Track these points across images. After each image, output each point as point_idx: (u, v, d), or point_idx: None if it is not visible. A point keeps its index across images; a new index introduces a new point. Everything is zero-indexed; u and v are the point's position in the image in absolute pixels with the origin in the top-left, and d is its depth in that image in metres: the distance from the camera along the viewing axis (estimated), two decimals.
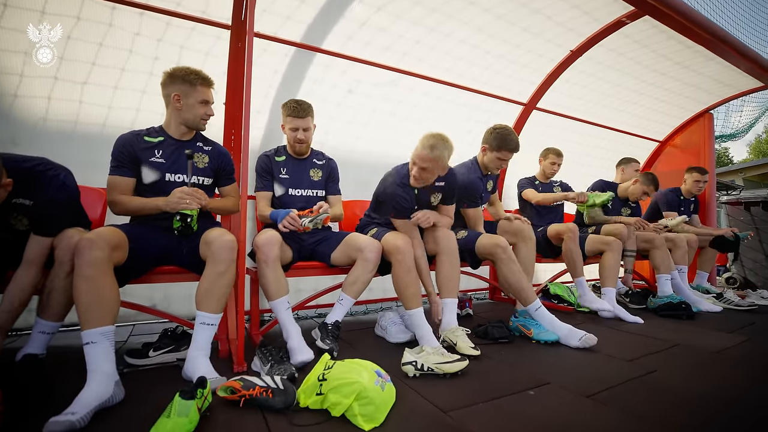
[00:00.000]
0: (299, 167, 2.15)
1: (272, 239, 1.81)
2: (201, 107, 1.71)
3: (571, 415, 1.26)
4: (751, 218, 4.15)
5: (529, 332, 2.11)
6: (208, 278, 1.52)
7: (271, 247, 1.79)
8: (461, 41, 2.70)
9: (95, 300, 1.30)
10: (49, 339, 1.48)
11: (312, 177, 2.17)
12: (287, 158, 2.15)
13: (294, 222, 1.85)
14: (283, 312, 1.80)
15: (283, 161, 2.14)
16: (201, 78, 1.68)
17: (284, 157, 2.15)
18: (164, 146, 1.72)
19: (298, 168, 2.15)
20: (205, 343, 1.51)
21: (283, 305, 1.80)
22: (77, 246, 1.32)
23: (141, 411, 1.23)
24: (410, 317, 1.92)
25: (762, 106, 6.13)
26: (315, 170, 2.19)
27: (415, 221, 2.05)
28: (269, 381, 1.31)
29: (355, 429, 1.15)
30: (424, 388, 1.46)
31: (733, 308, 3.04)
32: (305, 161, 2.18)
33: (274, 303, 1.80)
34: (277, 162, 2.13)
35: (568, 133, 3.84)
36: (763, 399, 1.42)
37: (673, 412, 1.29)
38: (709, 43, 2.90)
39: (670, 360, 1.84)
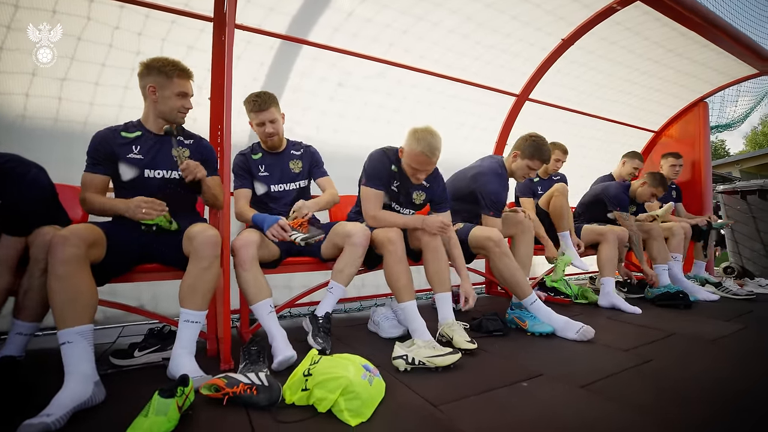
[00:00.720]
0: (277, 162, 2.07)
1: (248, 241, 1.71)
2: (177, 99, 1.64)
3: (563, 406, 1.23)
4: (748, 207, 4.12)
5: (523, 324, 2.08)
6: (192, 274, 1.47)
7: (247, 249, 1.69)
8: (450, 31, 2.65)
9: (70, 299, 1.26)
10: (27, 341, 1.43)
11: (292, 169, 2.09)
12: (264, 155, 2.07)
13: (282, 233, 1.71)
14: (266, 316, 1.68)
15: (260, 158, 2.06)
16: (178, 69, 1.62)
17: (260, 154, 2.06)
18: (142, 141, 1.66)
19: (276, 163, 2.07)
20: (189, 341, 1.46)
21: (265, 309, 1.68)
22: (50, 243, 1.28)
23: (121, 411, 1.18)
24: (403, 310, 1.88)
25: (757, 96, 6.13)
26: (294, 162, 2.10)
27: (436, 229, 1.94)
28: (254, 378, 1.27)
29: (342, 425, 1.11)
30: (415, 382, 1.42)
31: (731, 297, 3.01)
32: (282, 154, 2.09)
33: (255, 307, 1.69)
34: (254, 160, 2.05)
35: (560, 124, 3.80)
36: (759, 387, 1.39)
37: (668, 402, 1.26)
38: (702, 28, 2.87)
39: (666, 349, 1.81)
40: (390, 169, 2.05)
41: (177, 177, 1.71)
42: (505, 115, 3.42)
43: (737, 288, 3.08)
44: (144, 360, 1.64)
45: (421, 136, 1.89)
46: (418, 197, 2.18)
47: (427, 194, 2.19)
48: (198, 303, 1.47)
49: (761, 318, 2.41)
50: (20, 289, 1.39)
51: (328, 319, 1.79)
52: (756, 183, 4.08)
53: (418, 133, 1.90)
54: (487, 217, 2.36)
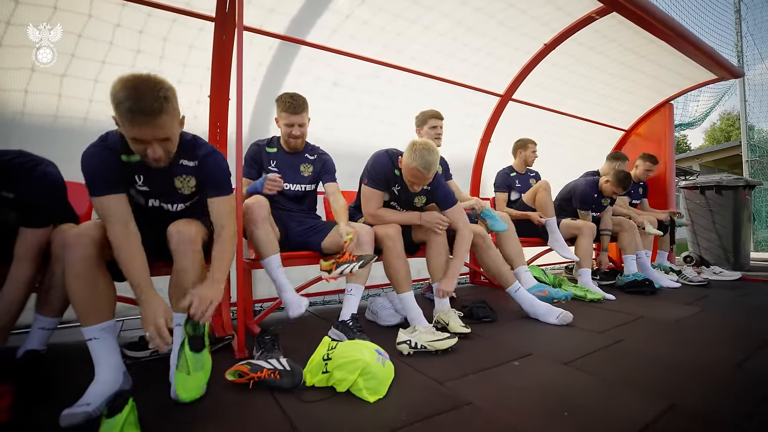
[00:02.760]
0: (291, 162, 2.14)
1: (261, 201, 1.80)
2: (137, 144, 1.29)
3: (551, 380, 1.41)
4: (706, 201, 4.49)
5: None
6: (174, 276, 1.43)
7: (260, 209, 1.77)
8: (441, 34, 2.77)
9: (90, 297, 1.29)
10: (49, 335, 1.49)
11: (302, 172, 2.16)
12: (279, 151, 2.14)
13: (275, 184, 1.93)
14: (275, 269, 1.80)
15: (274, 153, 2.13)
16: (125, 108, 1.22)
17: (276, 150, 2.14)
18: (143, 169, 1.45)
19: (289, 162, 2.14)
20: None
21: (276, 262, 1.80)
22: (66, 243, 1.29)
23: (150, 398, 1.28)
24: (401, 300, 2.03)
25: (716, 96, 6.59)
26: (305, 165, 2.17)
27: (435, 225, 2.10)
28: (276, 363, 1.39)
29: (361, 402, 1.25)
30: (418, 364, 1.57)
31: (688, 283, 3.34)
32: (297, 156, 2.17)
33: (268, 260, 1.79)
34: (267, 153, 2.12)
35: (540, 123, 4.02)
36: (714, 356, 1.62)
37: (637, 374, 1.46)
38: (669, 37, 3.12)
39: (635, 330, 2.04)
40: (393, 173, 2.12)
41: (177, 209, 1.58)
42: (489, 114, 3.59)
43: (694, 275, 3.41)
44: None
45: (418, 152, 1.90)
46: (419, 201, 2.28)
47: (428, 198, 2.28)
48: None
49: (715, 302, 2.71)
50: (42, 286, 1.44)
51: (356, 320, 1.85)
52: (713, 180, 4.45)
53: (416, 148, 1.92)
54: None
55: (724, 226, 4.36)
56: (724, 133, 29.93)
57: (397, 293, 2.03)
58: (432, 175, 1.97)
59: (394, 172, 2.13)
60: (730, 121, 29.75)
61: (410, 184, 2.08)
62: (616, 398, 1.26)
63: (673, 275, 3.49)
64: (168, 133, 1.30)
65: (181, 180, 1.51)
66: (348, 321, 1.83)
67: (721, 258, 4.38)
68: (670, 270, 3.63)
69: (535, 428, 1.08)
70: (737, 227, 4.31)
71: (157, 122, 1.24)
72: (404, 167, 2.03)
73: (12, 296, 1.35)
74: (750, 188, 4.41)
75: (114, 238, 1.32)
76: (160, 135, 1.28)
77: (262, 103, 2.56)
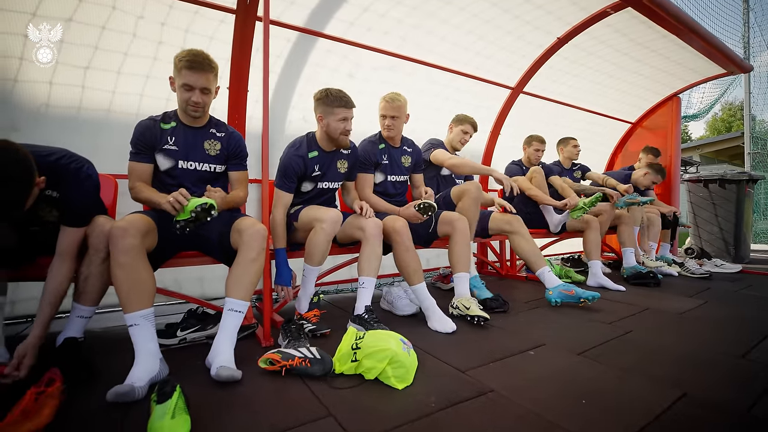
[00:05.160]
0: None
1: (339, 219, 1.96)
2: (184, 92, 1.66)
3: (567, 370, 1.48)
4: (709, 194, 4.55)
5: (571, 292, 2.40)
6: (241, 265, 1.56)
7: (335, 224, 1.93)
8: (456, 27, 2.78)
9: (133, 286, 1.38)
10: (86, 323, 1.55)
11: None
12: (178, 125, 1.74)
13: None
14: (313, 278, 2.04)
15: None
16: (185, 61, 1.62)
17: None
18: (177, 132, 1.73)
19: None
20: (232, 330, 1.51)
21: (316, 272, 2.04)
22: (110, 235, 1.38)
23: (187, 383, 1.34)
24: (414, 292, 2.10)
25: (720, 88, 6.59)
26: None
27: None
28: (306, 352, 1.45)
29: (389, 389, 1.32)
30: (439, 353, 1.65)
31: (689, 275, 3.42)
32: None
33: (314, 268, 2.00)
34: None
35: (551, 116, 4.05)
36: (720, 347, 1.70)
37: (648, 364, 1.54)
38: (681, 32, 3.13)
39: (642, 322, 2.12)
40: (377, 148, 2.37)
41: (209, 170, 1.80)
42: (500, 106, 3.61)
43: (697, 267, 3.50)
44: (189, 339, 1.78)
45: (386, 95, 2.33)
46: (405, 161, 2.50)
47: (412, 157, 2.53)
48: (243, 293, 1.54)
49: (718, 294, 2.80)
50: (80, 276, 1.49)
51: (371, 311, 1.91)
52: (717, 173, 4.50)
53: (385, 95, 2.33)
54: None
55: (727, 219, 4.44)
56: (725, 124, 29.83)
57: (410, 285, 2.10)
58: (398, 105, 2.29)
59: (377, 147, 2.37)
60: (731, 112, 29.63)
61: (383, 126, 2.37)
62: (630, 387, 1.34)
63: (675, 267, 3.58)
64: (209, 86, 1.68)
65: (210, 143, 1.79)
66: (363, 314, 1.89)
67: (722, 250, 4.47)
68: (673, 262, 3.71)
69: (559, 415, 1.16)
70: (739, 220, 4.39)
71: (204, 74, 1.64)
72: (380, 109, 2.36)
73: (56, 290, 1.42)
74: (753, 182, 4.48)
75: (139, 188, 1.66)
76: (204, 84, 1.66)
77: (279, 96, 2.58)
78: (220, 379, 1.35)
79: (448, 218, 2.33)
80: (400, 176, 2.48)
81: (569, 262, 3.81)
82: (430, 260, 3.49)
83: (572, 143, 3.60)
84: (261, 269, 1.63)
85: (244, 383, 1.38)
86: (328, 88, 2.03)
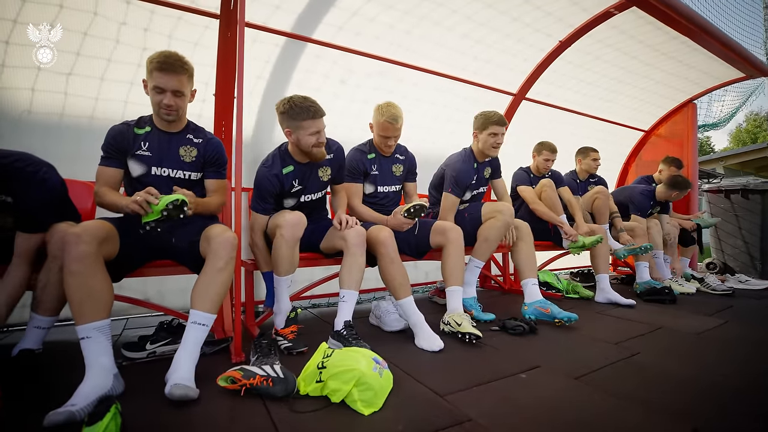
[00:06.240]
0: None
1: (301, 221, 1.83)
2: (155, 95, 1.58)
3: (560, 397, 1.32)
4: (731, 205, 4.28)
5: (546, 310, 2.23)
6: (207, 274, 1.47)
7: (294, 227, 1.80)
8: (450, 30, 2.70)
9: (86, 295, 1.29)
10: (44, 334, 1.48)
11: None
12: (153, 130, 1.68)
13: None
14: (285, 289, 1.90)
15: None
16: (156, 62, 1.55)
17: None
18: (151, 138, 1.66)
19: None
20: (193, 345, 1.40)
21: (287, 283, 1.89)
22: (63, 242, 1.30)
23: (140, 402, 1.25)
24: (401, 307, 1.96)
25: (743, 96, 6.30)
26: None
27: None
28: (269, 370, 1.34)
29: (355, 414, 1.18)
30: (421, 374, 1.50)
31: (710, 292, 3.17)
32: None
33: (283, 279, 1.86)
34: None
35: (556, 123, 3.90)
36: (739, 374, 1.50)
37: (654, 391, 1.36)
38: (693, 33, 2.97)
39: (653, 342, 1.92)
40: (366, 157, 2.28)
41: (183, 177, 1.72)
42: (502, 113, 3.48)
43: (717, 283, 3.24)
44: (158, 352, 1.69)
45: (384, 109, 2.16)
46: (397, 170, 2.39)
47: (404, 165, 2.42)
48: (208, 306, 1.44)
49: (741, 313, 2.55)
50: (38, 284, 1.43)
51: (350, 327, 1.76)
52: (739, 182, 4.24)
53: (382, 108, 2.18)
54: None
55: (752, 232, 4.15)
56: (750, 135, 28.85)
57: (395, 300, 1.96)
58: (400, 125, 2.18)
59: (367, 157, 2.28)
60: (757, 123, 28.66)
61: (384, 142, 2.23)
62: (630, 419, 1.17)
63: (694, 283, 3.33)
64: (182, 89, 1.61)
65: (185, 149, 1.72)
66: (342, 330, 1.74)
67: (747, 265, 4.17)
68: (692, 277, 3.46)
69: None
70: (765, 233, 4.09)
71: (176, 76, 1.57)
72: (375, 127, 2.23)
73: (6, 294, 1.36)
74: None
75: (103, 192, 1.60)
76: (176, 87, 1.58)
77: (268, 102, 2.53)
78: (172, 398, 1.24)
79: (441, 228, 2.20)
80: (391, 186, 2.37)
81: (578, 277, 3.61)
82: (429, 273, 3.35)
83: (592, 156, 3.43)
84: (229, 280, 1.53)
85: (201, 403, 1.27)
86: (291, 98, 1.83)
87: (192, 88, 1.70)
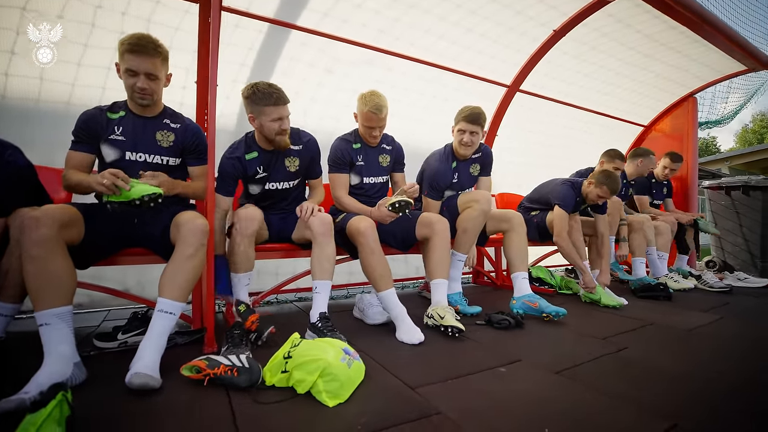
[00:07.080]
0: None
1: (255, 215, 1.80)
2: (128, 77, 1.54)
3: (538, 391, 1.26)
4: (732, 202, 4.19)
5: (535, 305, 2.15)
6: (176, 262, 1.43)
7: (249, 221, 1.78)
8: (441, 18, 2.63)
9: (46, 281, 1.24)
10: (8, 322, 1.43)
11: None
12: (127, 115, 1.64)
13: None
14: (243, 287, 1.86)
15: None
16: (127, 44, 1.50)
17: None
18: (125, 122, 1.63)
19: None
20: (159, 335, 1.34)
21: (245, 281, 1.86)
22: (22, 225, 1.25)
23: (102, 392, 1.20)
24: (382, 299, 1.91)
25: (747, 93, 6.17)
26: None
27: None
28: (234, 360, 1.29)
29: (319, 406, 1.13)
30: (396, 366, 1.45)
31: (707, 289, 3.09)
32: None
33: (240, 276, 1.83)
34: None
35: (552, 116, 3.82)
36: (726, 369, 1.44)
37: (637, 387, 1.30)
38: (692, 23, 2.88)
39: (643, 338, 1.86)
40: (351, 147, 2.21)
41: (161, 162, 1.69)
42: (495, 106, 3.41)
43: (715, 280, 3.16)
44: (131, 342, 1.65)
45: (368, 99, 2.07)
46: (383, 160, 2.31)
47: (391, 155, 2.33)
48: (176, 293, 1.39)
49: (737, 310, 2.48)
50: (1, 270, 1.38)
51: (326, 318, 1.69)
52: (740, 179, 4.15)
53: (365, 96, 2.09)
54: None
55: (752, 230, 4.06)
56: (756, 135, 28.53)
57: (376, 292, 1.91)
58: (384, 115, 2.09)
59: (352, 147, 2.21)
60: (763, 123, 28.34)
61: (369, 133, 2.15)
62: (608, 414, 1.11)
63: (691, 280, 3.25)
64: (155, 72, 1.56)
65: (162, 134, 1.68)
66: (317, 322, 1.68)
67: (747, 263, 4.08)
68: (689, 275, 3.38)
69: None
70: (766, 231, 4.00)
71: (148, 59, 1.53)
72: (360, 117, 2.14)
73: None
74: None
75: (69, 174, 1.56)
76: (149, 69, 1.54)
77: None
78: (132, 386, 1.19)
79: (428, 220, 2.14)
80: (378, 177, 2.31)
81: (573, 273, 3.52)
82: (420, 268, 3.29)
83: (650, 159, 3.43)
84: (199, 267, 1.48)
85: (163, 393, 1.22)
86: (256, 84, 1.80)
87: (167, 72, 1.66)
